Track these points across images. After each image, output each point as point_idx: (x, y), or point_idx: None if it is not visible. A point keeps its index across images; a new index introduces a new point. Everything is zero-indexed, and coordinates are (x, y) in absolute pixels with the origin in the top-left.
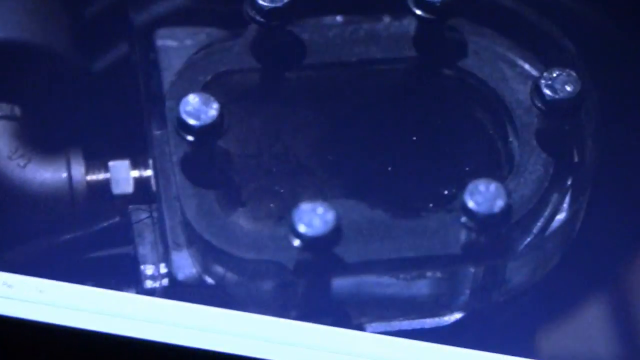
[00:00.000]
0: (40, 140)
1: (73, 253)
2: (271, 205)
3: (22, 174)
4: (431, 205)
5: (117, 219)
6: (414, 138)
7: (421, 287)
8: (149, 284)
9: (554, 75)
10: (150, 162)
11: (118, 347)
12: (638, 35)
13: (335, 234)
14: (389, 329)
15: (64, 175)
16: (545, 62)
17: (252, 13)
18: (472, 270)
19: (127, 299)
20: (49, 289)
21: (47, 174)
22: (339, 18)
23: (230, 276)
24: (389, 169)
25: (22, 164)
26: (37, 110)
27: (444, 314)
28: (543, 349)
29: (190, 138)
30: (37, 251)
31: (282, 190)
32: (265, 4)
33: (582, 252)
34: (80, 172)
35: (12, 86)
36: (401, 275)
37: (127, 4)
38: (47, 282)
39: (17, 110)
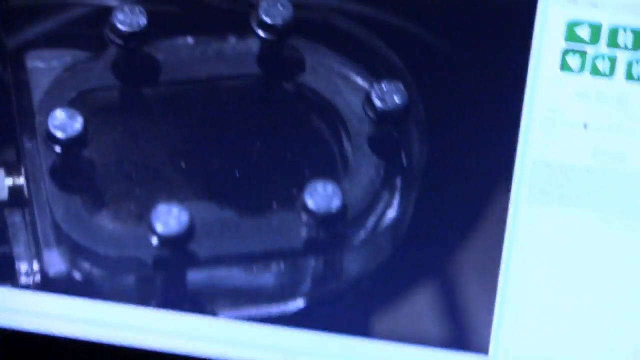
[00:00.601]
0: None
1: None
2: (131, 207)
3: None
4: (276, 205)
5: None
6: (260, 146)
7: (267, 278)
8: (24, 280)
9: (383, 87)
10: (23, 171)
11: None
12: (458, 49)
13: (189, 232)
14: (240, 315)
15: None
16: (375, 76)
17: (112, 36)
18: (312, 261)
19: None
20: None
21: None
22: (189, 40)
23: (96, 271)
24: (238, 174)
25: None
26: None
27: (287, 301)
28: (378, 330)
29: (57, 149)
30: None
31: (141, 194)
32: (124, 28)
33: (411, 245)
34: None
35: None
36: (248, 268)
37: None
38: None
39: None
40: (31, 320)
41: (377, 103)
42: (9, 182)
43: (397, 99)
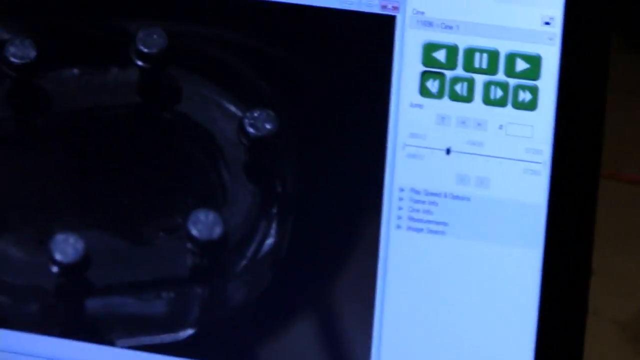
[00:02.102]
0: None
1: None
2: (31, 235)
3: None
4: (162, 233)
5: None
6: (145, 175)
7: (158, 305)
8: None
9: (255, 114)
10: None
11: None
12: (324, 76)
13: (85, 261)
14: (135, 343)
15: None
16: (247, 103)
17: (4, 68)
18: (198, 290)
19: None
20: None
21: None
22: (75, 70)
23: (1, 298)
24: (126, 202)
25: None
26: None
27: (178, 330)
28: (261, 358)
29: None
30: None
31: (40, 223)
32: (16, 60)
33: (289, 271)
34: None
35: None
36: (141, 296)
37: None
38: None
39: None
40: None
41: (250, 130)
42: None
43: (268, 125)
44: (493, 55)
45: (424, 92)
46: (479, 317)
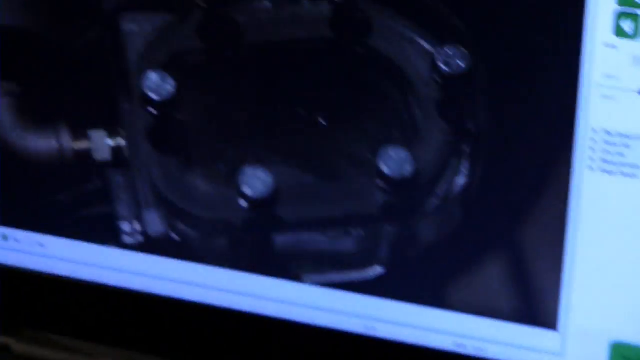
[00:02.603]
0: (35, 113)
1: (64, 211)
2: (221, 168)
3: (22, 143)
4: (352, 169)
5: (98, 182)
6: (335, 109)
7: (347, 243)
8: (126, 239)
9: (448, 51)
10: (122, 131)
11: (105, 295)
12: (516, 13)
13: (273, 196)
14: (322, 280)
15: (55, 143)
16: (440, 40)
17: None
18: (388, 228)
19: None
20: (48, 243)
21: (40, 143)
22: (267, 3)
23: (190, 232)
24: (315, 137)
25: (21, 134)
26: (31, 87)
27: (366, 267)
28: (449, 298)
29: (152, 111)
30: (36, 210)
31: (228, 156)
32: None
33: (480, 211)
34: (67, 141)
35: (9, 67)
36: (329, 232)
37: None
38: (47, 237)
39: (15, 88)
40: (131, 278)
41: (442, 67)
42: (110, 142)
43: (461, 63)
44: None
45: (619, 32)
46: None
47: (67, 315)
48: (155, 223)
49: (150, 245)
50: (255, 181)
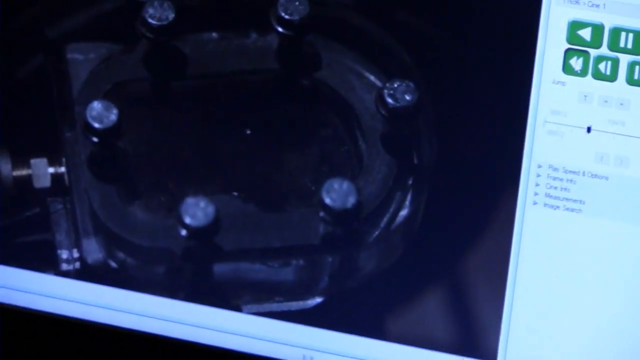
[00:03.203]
0: None
1: (1, 238)
2: (162, 198)
3: None
4: (294, 200)
5: (37, 209)
6: (279, 141)
7: (287, 273)
8: (64, 266)
9: (395, 85)
10: (64, 159)
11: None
12: (465, 49)
13: (214, 225)
14: (261, 310)
15: None
16: (388, 74)
17: (143, 30)
18: (329, 258)
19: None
20: None
21: None
22: (214, 34)
23: (129, 260)
24: (259, 168)
25: None
26: None
27: (306, 298)
28: (389, 329)
29: (94, 139)
30: None
31: (171, 186)
32: (154, 22)
33: (422, 243)
34: (7, 169)
35: None
36: (270, 263)
37: (42, 21)
38: None
39: None
40: (68, 306)
41: (389, 100)
42: (52, 170)
43: (407, 97)
44: (639, 35)
45: (567, 69)
46: (613, 297)
47: (3, 342)
48: (94, 251)
49: (89, 273)
50: (197, 210)
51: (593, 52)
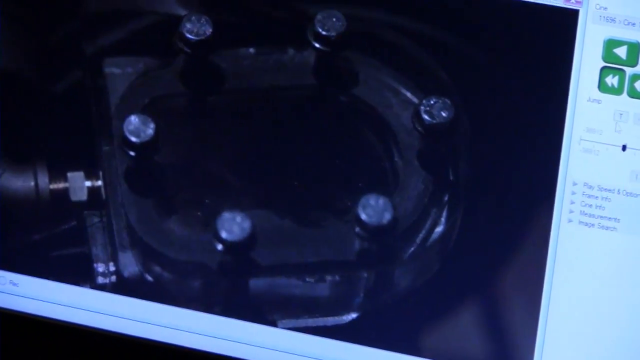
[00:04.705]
0: (13, 154)
1: (39, 250)
2: (198, 213)
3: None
4: (330, 216)
5: (74, 222)
6: (315, 156)
7: (322, 288)
8: (100, 280)
9: (432, 102)
10: (100, 173)
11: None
12: (501, 67)
13: (250, 240)
14: (296, 325)
15: (32, 184)
16: (424, 91)
17: (180, 45)
18: (364, 275)
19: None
20: (22, 282)
21: (18, 183)
22: (251, 50)
23: (165, 274)
24: (295, 183)
25: None
26: (9, 128)
27: (341, 313)
28: (424, 345)
29: (132, 153)
30: (10, 248)
31: (207, 201)
32: (191, 37)
33: (457, 260)
34: (44, 182)
35: None
36: (305, 278)
37: (80, 36)
38: (21, 277)
39: None
40: (103, 319)
41: (425, 117)
42: (88, 183)
43: (444, 114)
44: None
45: (603, 87)
46: None
47: (40, 354)
48: (130, 264)
49: (125, 287)
50: (233, 225)
51: (629, 71)
